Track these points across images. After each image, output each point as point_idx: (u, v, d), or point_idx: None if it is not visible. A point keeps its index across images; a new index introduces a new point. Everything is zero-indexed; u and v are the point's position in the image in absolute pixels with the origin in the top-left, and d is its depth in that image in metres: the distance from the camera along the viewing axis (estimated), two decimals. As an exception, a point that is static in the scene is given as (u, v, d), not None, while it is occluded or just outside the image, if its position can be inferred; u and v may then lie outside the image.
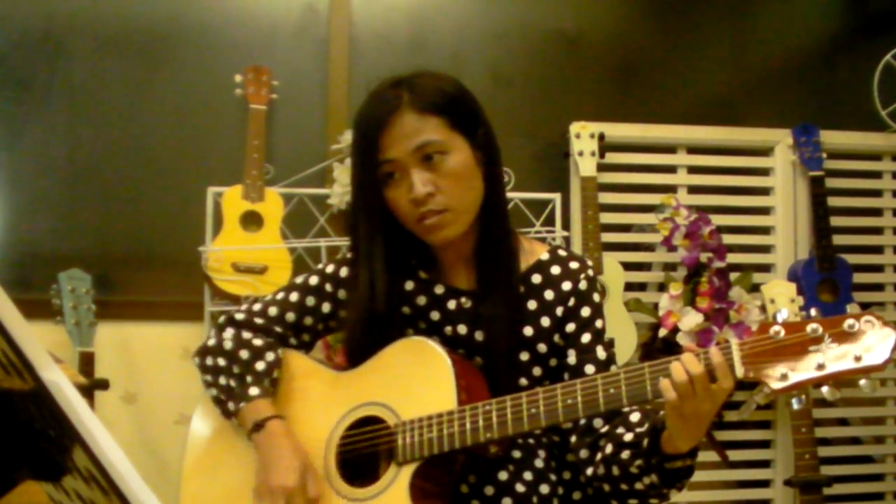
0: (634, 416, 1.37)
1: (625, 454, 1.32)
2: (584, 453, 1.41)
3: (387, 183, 1.41)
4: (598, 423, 1.41)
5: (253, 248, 2.57)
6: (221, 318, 1.61)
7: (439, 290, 1.50)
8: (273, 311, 1.56)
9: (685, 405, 1.19)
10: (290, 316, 1.56)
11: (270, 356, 1.51)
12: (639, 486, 1.32)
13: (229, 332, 1.56)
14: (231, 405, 1.48)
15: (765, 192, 2.97)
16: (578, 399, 1.28)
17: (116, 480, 0.73)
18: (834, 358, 1.14)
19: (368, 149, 1.40)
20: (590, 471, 1.40)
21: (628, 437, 1.33)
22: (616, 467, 1.34)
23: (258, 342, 1.53)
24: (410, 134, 1.38)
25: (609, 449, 1.36)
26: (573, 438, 1.43)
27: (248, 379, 1.48)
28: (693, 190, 2.93)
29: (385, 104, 1.40)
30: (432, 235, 1.43)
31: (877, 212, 3.02)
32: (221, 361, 1.52)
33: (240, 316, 1.58)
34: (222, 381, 1.51)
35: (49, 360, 0.77)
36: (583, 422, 1.41)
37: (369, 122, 1.41)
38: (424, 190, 1.38)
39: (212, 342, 1.56)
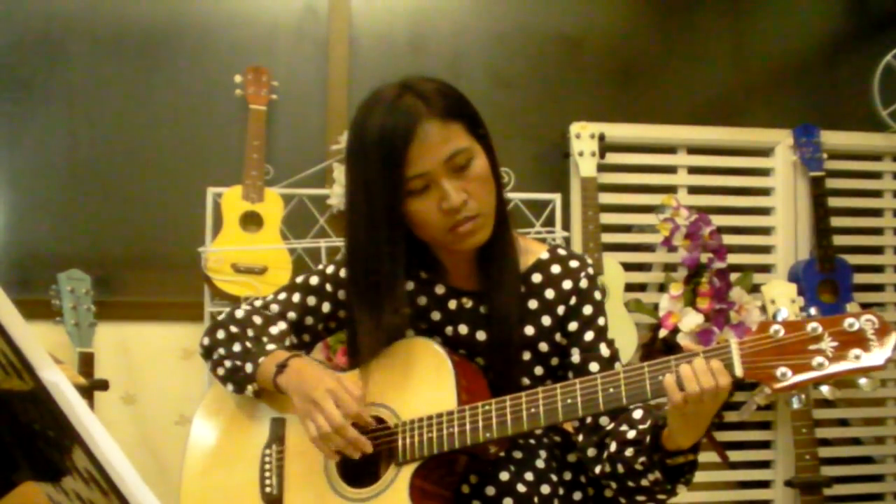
0: (637, 413, 1.38)
1: (628, 451, 1.33)
2: (591, 452, 1.42)
3: (410, 195, 1.36)
4: (604, 420, 1.41)
5: (253, 248, 2.57)
6: (227, 311, 1.61)
7: (440, 290, 1.50)
8: (274, 309, 1.57)
9: (688, 406, 1.19)
10: (292, 315, 1.56)
11: (283, 325, 1.52)
12: (644, 482, 1.32)
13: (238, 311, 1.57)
14: (249, 366, 1.45)
15: (765, 192, 2.97)
16: (578, 399, 1.28)
17: (116, 481, 0.73)
18: (834, 357, 1.14)
19: (394, 164, 1.32)
20: (598, 469, 1.40)
21: (631, 434, 1.34)
22: (621, 465, 1.34)
23: (268, 312, 1.55)
24: (439, 144, 1.33)
25: (613, 447, 1.36)
26: (580, 437, 1.44)
27: (265, 339, 1.49)
28: (693, 190, 2.93)
29: (405, 116, 1.32)
30: (465, 242, 1.39)
31: (877, 212, 3.02)
32: (234, 328, 1.52)
33: (245, 307, 1.59)
34: (236, 347, 1.50)
35: (49, 361, 0.77)
36: (589, 420, 1.41)
37: (392, 136, 1.32)
38: (459, 198, 1.34)
39: (222, 317, 1.57)
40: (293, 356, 1.43)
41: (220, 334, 1.53)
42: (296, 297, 1.57)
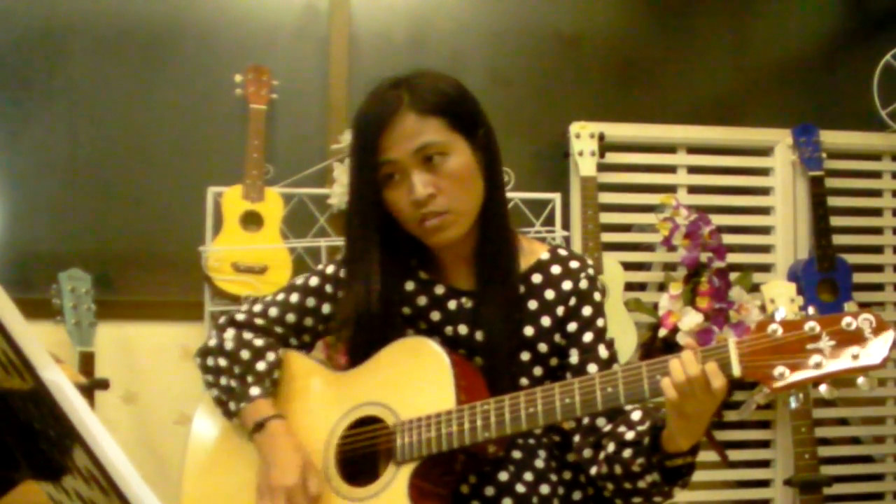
0: (636, 415, 1.37)
1: (626, 453, 1.32)
2: (587, 453, 1.41)
3: (386, 184, 1.41)
4: (601, 421, 1.41)
5: (253, 248, 2.57)
6: (222, 319, 1.61)
7: (440, 290, 1.50)
8: (273, 312, 1.56)
9: (686, 404, 1.19)
10: (291, 317, 1.56)
11: (271, 356, 1.51)
12: (641, 484, 1.32)
13: (230, 333, 1.56)
14: (232, 405, 1.48)
15: (765, 192, 2.97)
16: (576, 398, 1.28)
17: (116, 480, 0.73)
18: (832, 356, 1.13)
19: (368, 149, 1.39)
20: (593, 470, 1.40)
21: (629, 435, 1.33)
22: (618, 466, 1.34)
23: (259, 342, 1.53)
24: (411, 135, 1.38)
25: (611, 448, 1.36)
26: (577, 438, 1.44)
27: (250, 379, 1.49)
28: (693, 190, 2.93)
29: (385, 105, 1.39)
30: (434, 237, 1.42)
31: (877, 212, 3.02)
32: (222, 362, 1.52)
33: (240, 317, 1.58)
34: (223, 381, 1.51)
35: (49, 360, 0.77)
36: (586, 421, 1.41)
37: (369, 122, 1.40)
38: (425, 192, 1.37)
39: (213, 343, 1.56)
40: (272, 417, 1.44)
41: (210, 361, 1.54)
42: (295, 299, 1.56)
